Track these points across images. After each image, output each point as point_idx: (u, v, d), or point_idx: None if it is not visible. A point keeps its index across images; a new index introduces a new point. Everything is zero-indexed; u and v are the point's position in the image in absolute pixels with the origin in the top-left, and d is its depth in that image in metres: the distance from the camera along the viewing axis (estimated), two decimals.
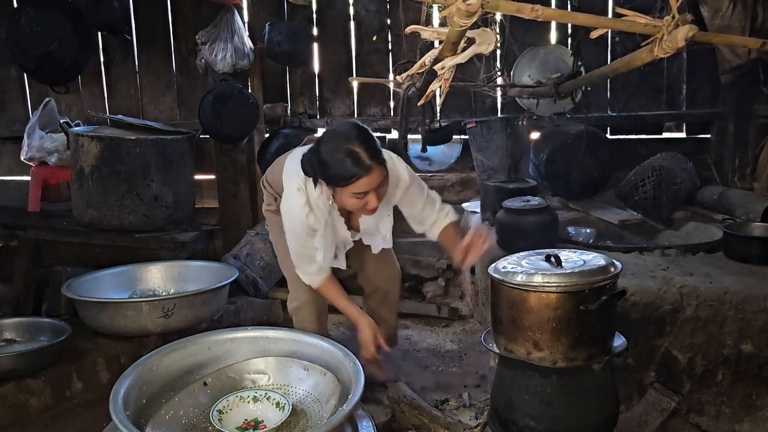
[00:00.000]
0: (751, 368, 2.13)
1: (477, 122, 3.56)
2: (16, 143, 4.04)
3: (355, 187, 1.95)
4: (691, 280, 2.19)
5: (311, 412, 1.95)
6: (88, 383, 2.59)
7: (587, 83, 3.28)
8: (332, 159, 1.94)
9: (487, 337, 1.87)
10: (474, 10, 1.45)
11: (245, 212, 4.08)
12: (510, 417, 1.76)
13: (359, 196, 1.98)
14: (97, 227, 3.38)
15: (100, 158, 3.28)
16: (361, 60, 4.10)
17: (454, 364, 3.05)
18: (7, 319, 2.84)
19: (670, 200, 3.05)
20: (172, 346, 2.07)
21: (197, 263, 3.28)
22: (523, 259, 1.79)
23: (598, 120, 3.83)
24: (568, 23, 3.41)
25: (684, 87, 3.89)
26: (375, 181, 1.96)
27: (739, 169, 3.58)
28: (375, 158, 1.94)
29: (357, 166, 1.92)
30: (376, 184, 1.97)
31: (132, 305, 2.72)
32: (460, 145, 4.07)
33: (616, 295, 1.68)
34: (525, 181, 3.16)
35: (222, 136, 3.80)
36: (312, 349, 2.11)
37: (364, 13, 4.04)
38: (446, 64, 1.93)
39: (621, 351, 1.76)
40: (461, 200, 3.93)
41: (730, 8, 3.11)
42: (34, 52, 3.70)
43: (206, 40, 3.72)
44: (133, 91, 4.29)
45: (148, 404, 1.87)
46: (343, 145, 1.93)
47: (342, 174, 1.94)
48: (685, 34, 1.58)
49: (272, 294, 3.71)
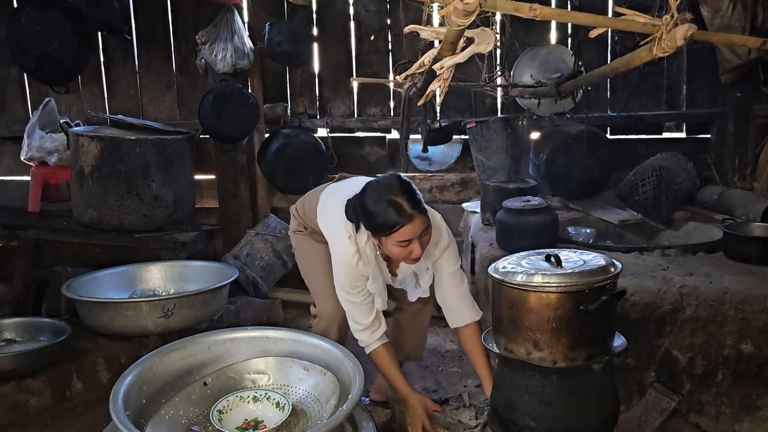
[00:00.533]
0: (751, 368, 2.13)
1: (477, 122, 3.56)
2: (16, 143, 4.05)
3: (399, 235, 2.01)
4: (691, 280, 2.19)
5: (311, 412, 1.95)
6: (88, 383, 2.60)
7: (587, 83, 3.28)
8: (376, 209, 2.02)
9: (487, 337, 1.87)
10: (472, 9, 1.44)
11: (245, 212, 4.08)
12: (510, 417, 1.76)
13: (403, 245, 2.04)
14: (97, 227, 3.38)
15: (100, 158, 3.28)
16: (361, 60, 4.10)
17: (454, 364, 3.05)
18: (7, 319, 2.84)
19: (670, 200, 3.05)
20: (172, 346, 2.07)
21: (197, 263, 3.28)
22: (523, 259, 1.78)
23: (598, 120, 3.83)
24: (568, 23, 3.41)
25: (684, 87, 3.88)
26: (418, 229, 2.02)
27: (739, 169, 3.57)
28: (416, 207, 2.02)
29: (400, 214, 1.99)
30: (419, 231, 2.03)
31: (132, 305, 2.72)
32: (460, 145, 4.07)
33: (616, 295, 1.67)
34: (525, 181, 3.16)
35: (222, 136, 3.80)
36: (312, 349, 2.11)
37: (364, 13, 4.03)
38: (445, 64, 1.92)
39: (621, 351, 1.76)
40: (461, 200, 3.93)
41: (729, 8, 3.11)
42: (34, 52, 3.70)
43: (206, 40, 3.72)
44: (133, 91, 4.29)
45: (148, 404, 1.87)
46: (385, 195, 2.02)
47: (386, 222, 2.01)
48: (684, 33, 1.58)
49: (272, 294, 3.72)
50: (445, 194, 4.07)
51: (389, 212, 2.00)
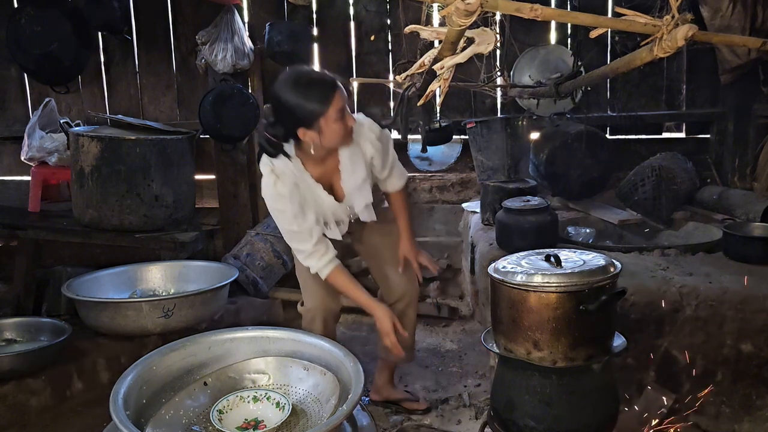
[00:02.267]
0: (750, 368, 2.13)
1: (477, 122, 3.56)
2: (17, 143, 4.05)
3: (336, 102, 2.03)
4: (691, 280, 2.19)
5: (311, 412, 1.95)
6: (88, 383, 2.59)
7: (587, 83, 3.28)
8: (302, 94, 2.03)
9: (487, 336, 1.87)
10: (473, 10, 1.45)
11: (245, 212, 4.08)
12: (510, 417, 1.76)
13: (340, 115, 2.05)
14: (97, 227, 3.38)
15: (100, 158, 3.28)
16: (361, 60, 4.10)
17: (453, 363, 3.05)
18: (8, 319, 2.84)
19: (669, 200, 3.05)
20: (172, 345, 2.07)
21: (197, 263, 3.28)
22: (523, 259, 1.79)
23: (598, 120, 3.83)
24: (568, 23, 3.41)
25: (684, 87, 3.88)
26: (343, 94, 2.06)
27: (738, 169, 3.57)
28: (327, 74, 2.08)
29: (325, 84, 2.04)
30: (346, 96, 2.07)
31: (132, 305, 2.72)
32: (460, 145, 4.07)
33: (615, 294, 1.68)
34: (525, 181, 3.16)
35: (222, 136, 3.80)
36: (312, 349, 2.11)
37: (364, 13, 4.04)
38: (445, 64, 1.92)
39: (621, 351, 1.76)
40: (461, 200, 3.93)
41: (729, 8, 3.11)
42: (34, 52, 3.70)
43: (206, 40, 3.72)
44: (133, 91, 4.29)
45: (148, 404, 1.87)
46: (299, 80, 2.06)
47: (321, 96, 2.02)
48: (684, 33, 1.58)
49: (272, 294, 3.72)
50: (445, 194, 4.07)
51: (316, 88, 2.03)
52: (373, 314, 2.26)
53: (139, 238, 3.36)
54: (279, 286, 3.81)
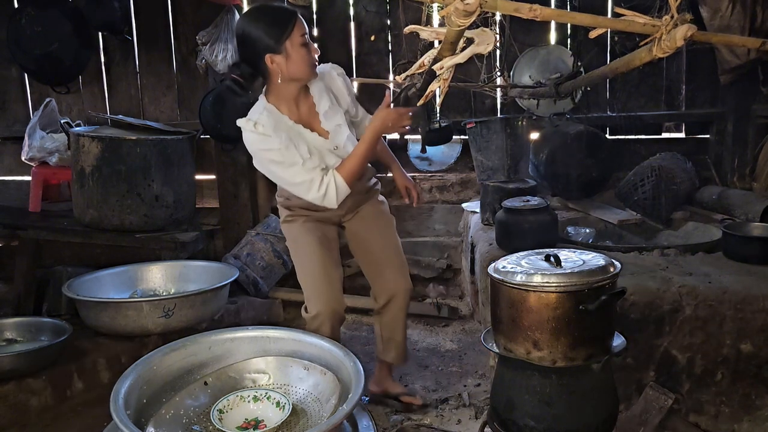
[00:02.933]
0: (750, 368, 2.14)
1: (477, 122, 3.56)
2: (17, 143, 4.05)
3: (299, 28, 2.11)
4: (691, 280, 2.19)
5: (311, 412, 1.95)
6: (88, 383, 2.60)
7: (587, 83, 3.28)
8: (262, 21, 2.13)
9: (486, 336, 1.87)
10: (472, 10, 1.45)
11: (245, 212, 4.08)
12: (510, 417, 1.77)
13: (305, 39, 2.13)
14: (97, 227, 3.38)
15: (100, 158, 3.29)
16: (361, 60, 4.10)
17: (453, 363, 3.05)
18: (8, 318, 2.84)
19: (669, 200, 3.05)
20: (172, 345, 2.08)
21: (198, 263, 3.28)
22: (523, 259, 1.79)
23: (598, 120, 3.83)
24: (568, 23, 3.41)
25: (683, 87, 3.88)
26: (304, 23, 2.15)
27: (738, 169, 3.58)
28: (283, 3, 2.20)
29: (284, 9, 2.14)
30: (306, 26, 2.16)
31: (133, 305, 2.72)
32: (460, 145, 4.07)
33: (615, 294, 1.68)
34: (525, 181, 3.16)
35: (222, 136, 3.80)
36: (312, 349, 2.12)
37: (364, 14, 4.04)
38: (445, 64, 1.92)
39: (620, 351, 1.77)
40: (461, 200, 3.94)
41: (729, 8, 3.11)
42: (35, 52, 3.70)
43: (207, 41, 3.72)
44: (133, 91, 4.29)
45: (148, 404, 1.88)
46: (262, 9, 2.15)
47: (282, 22, 2.09)
48: (684, 33, 1.58)
49: (273, 294, 3.72)
50: (445, 194, 4.08)
51: (278, 12, 2.12)
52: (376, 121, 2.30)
53: (139, 238, 3.36)
54: (279, 285, 3.81)
